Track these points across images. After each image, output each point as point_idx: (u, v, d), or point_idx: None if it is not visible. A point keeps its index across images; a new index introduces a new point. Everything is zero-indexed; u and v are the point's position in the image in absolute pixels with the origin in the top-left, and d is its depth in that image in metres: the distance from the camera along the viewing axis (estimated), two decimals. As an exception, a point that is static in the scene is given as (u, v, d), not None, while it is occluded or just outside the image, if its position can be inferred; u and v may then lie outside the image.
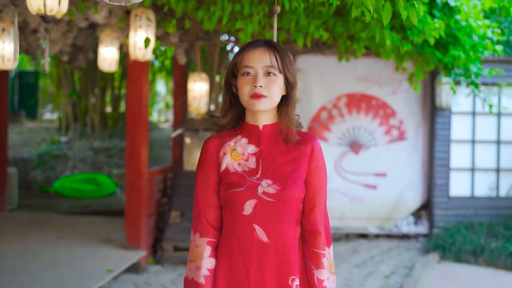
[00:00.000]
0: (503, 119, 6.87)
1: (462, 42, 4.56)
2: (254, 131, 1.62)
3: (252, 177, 1.56)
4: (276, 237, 1.55)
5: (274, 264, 1.54)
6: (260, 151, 1.60)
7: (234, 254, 1.55)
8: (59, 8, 2.74)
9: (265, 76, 1.56)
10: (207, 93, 5.28)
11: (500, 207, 6.74)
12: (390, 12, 2.07)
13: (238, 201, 1.55)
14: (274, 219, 1.55)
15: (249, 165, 1.58)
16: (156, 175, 5.26)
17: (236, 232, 1.56)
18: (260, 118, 1.61)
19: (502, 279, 5.25)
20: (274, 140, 1.62)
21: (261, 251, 1.54)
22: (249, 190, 1.55)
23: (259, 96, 1.54)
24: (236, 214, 1.55)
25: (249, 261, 1.54)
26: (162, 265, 5.08)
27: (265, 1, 4.02)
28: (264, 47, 1.58)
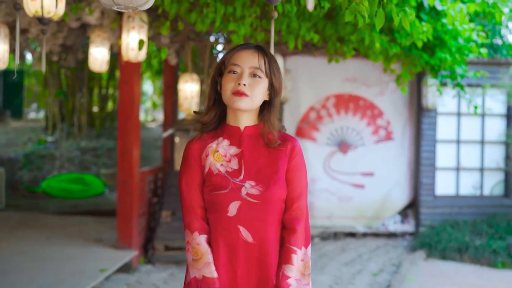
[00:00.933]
0: (487, 119, 7.03)
1: (448, 44, 4.67)
2: (236, 133, 1.64)
3: (235, 179, 1.58)
4: (260, 237, 1.58)
5: (260, 263, 1.57)
6: (241, 152, 1.62)
7: (221, 254, 1.57)
8: (56, 11, 2.76)
9: (250, 76, 1.59)
10: (198, 94, 5.32)
11: (484, 206, 6.90)
12: (383, 18, 2.14)
13: (222, 203, 1.56)
14: (258, 219, 1.57)
15: (231, 166, 1.60)
16: (147, 175, 5.28)
17: (222, 233, 1.57)
18: (241, 119, 1.63)
19: (486, 275, 5.40)
20: (255, 142, 1.64)
21: (246, 251, 1.57)
22: (233, 191, 1.57)
23: (241, 94, 1.57)
24: (221, 215, 1.57)
25: (236, 261, 1.57)
26: (153, 264, 5.11)
27: (256, 4, 4.07)
28: (254, 50, 1.62)
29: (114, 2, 1.55)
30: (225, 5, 3.93)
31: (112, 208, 7.54)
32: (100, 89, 11.89)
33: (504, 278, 5.31)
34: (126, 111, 4.78)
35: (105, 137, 11.18)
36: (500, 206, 6.91)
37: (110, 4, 1.57)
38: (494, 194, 7.08)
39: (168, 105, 6.18)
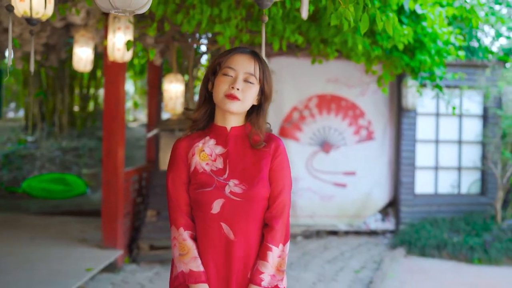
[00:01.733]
0: (464, 120, 7.23)
1: (427, 47, 4.81)
2: (222, 133, 1.69)
3: (219, 177, 1.63)
4: (242, 235, 1.62)
5: (239, 260, 1.62)
6: (227, 152, 1.67)
7: (205, 250, 1.62)
8: (45, 11, 2.78)
9: (244, 81, 1.63)
10: (182, 94, 5.35)
11: (462, 204, 7.09)
12: (367, 23, 2.23)
13: (206, 201, 1.61)
14: (241, 217, 1.62)
15: (216, 165, 1.65)
16: (132, 174, 5.30)
17: (206, 230, 1.62)
18: (229, 120, 1.68)
19: (463, 271, 5.56)
20: (240, 142, 1.69)
21: (228, 247, 1.61)
22: (217, 189, 1.61)
23: (233, 98, 1.61)
24: (205, 213, 1.61)
25: (218, 257, 1.62)
26: (138, 264, 5.12)
27: (242, 6, 4.14)
28: (250, 55, 1.67)
29: (112, 6, 1.59)
30: (211, 6, 3.99)
31: (95, 208, 7.52)
32: (81, 88, 11.79)
33: (480, 273, 5.49)
34: (111, 111, 4.79)
35: (87, 137, 11.09)
36: (477, 204, 7.11)
37: (108, 8, 1.61)
38: (471, 193, 7.28)
39: (152, 105, 6.19)
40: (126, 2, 1.60)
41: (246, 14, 4.31)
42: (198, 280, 1.59)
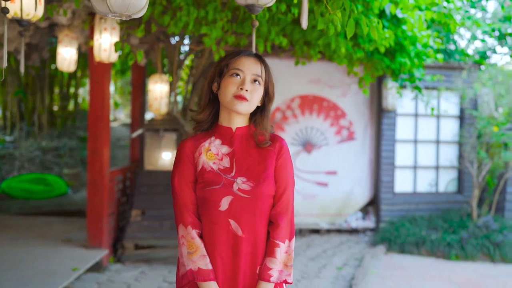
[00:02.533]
0: (442, 120, 7.43)
1: (407, 50, 4.95)
2: (227, 133, 1.73)
3: (227, 175, 1.67)
4: (249, 231, 1.65)
5: (247, 255, 1.66)
6: (233, 151, 1.71)
7: (212, 247, 1.65)
8: (35, 13, 2.80)
9: (251, 82, 1.69)
10: (167, 94, 5.39)
11: (439, 202, 7.29)
12: (353, 28, 2.32)
13: (214, 198, 1.64)
14: (248, 214, 1.65)
15: (223, 164, 1.69)
16: (116, 174, 5.31)
17: (213, 227, 1.65)
18: (235, 120, 1.73)
19: (441, 266, 5.74)
20: (245, 142, 1.73)
21: (235, 243, 1.65)
22: (225, 187, 1.65)
23: (242, 98, 1.66)
24: (213, 210, 1.64)
25: (225, 253, 1.65)
26: (123, 263, 5.14)
27: (227, 8, 4.21)
28: (256, 58, 1.73)
29: (110, 10, 1.65)
30: (198, 9, 4.04)
31: (77, 208, 7.50)
32: (61, 87, 11.68)
33: (457, 269, 5.67)
34: (97, 111, 4.80)
35: (67, 137, 10.99)
36: (454, 202, 7.32)
37: (106, 12, 1.66)
38: (448, 191, 7.48)
39: (136, 105, 6.20)
40: (124, 7, 1.65)
41: (232, 16, 4.38)
42: (207, 278, 1.62)
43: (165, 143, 5.38)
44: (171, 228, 5.24)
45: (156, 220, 5.26)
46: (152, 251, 5.20)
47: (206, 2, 4.04)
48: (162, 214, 5.28)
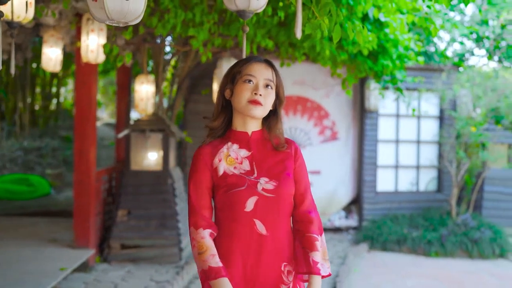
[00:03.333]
0: (422, 121, 7.60)
1: (389, 52, 5.08)
2: (244, 137, 1.77)
3: (250, 177, 1.71)
4: (273, 229, 1.69)
5: (270, 253, 1.68)
6: (252, 154, 1.75)
7: (233, 248, 1.68)
8: (26, 15, 2.83)
9: (264, 87, 1.73)
10: (153, 95, 5.42)
11: (420, 201, 7.47)
12: (340, 33, 2.41)
13: (240, 200, 1.67)
14: (272, 213, 1.69)
15: (244, 168, 1.73)
16: (102, 174, 5.33)
17: (236, 229, 1.68)
18: (250, 125, 1.77)
19: (421, 263, 5.90)
20: (262, 145, 1.78)
21: (259, 243, 1.67)
22: (250, 188, 1.68)
23: (257, 103, 1.70)
24: (238, 212, 1.67)
25: (247, 253, 1.67)
26: (109, 263, 5.16)
27: (214, 10, 4.27)
28: (266, 63, 1.78)
29: (108, 17, 1.70)
30: (185, 11, 4.10)
31: (61, 208, 7.46)
32: (43, 87, 11.57)
33: (437, 265, 5.83)
34: (83, 111, 4.82)
35: (49, 137, 10.90)
36: (434, 200, 7.50)
37: (104, 19, 1.72)
38: (428, 190, 7.67)
39: (122, 105, 6.22)
40: (122, 14, 1.71)
41: (218, 18, 4.44)
42: (218, 275, 1.61)
43: (151, 143, 5.41)
44: (157, 228, 5.28)
45: (143, 220, 5.30)
46: (138, 250, 5.23)
47: (193, 5, 4.10)
48: (148, 214, 5.31)
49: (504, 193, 7.33)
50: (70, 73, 11.60)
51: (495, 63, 8.93)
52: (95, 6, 1.68)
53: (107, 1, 1.67)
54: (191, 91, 6.66)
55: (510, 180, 7.39)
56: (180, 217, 5.40)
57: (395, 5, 4.54)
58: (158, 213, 5.32)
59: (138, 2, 1.72)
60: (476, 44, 9.00)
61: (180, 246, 5.26)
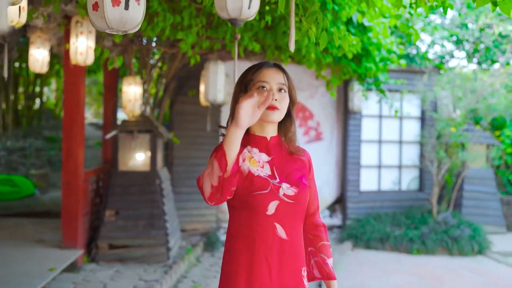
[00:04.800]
0: (404, 122, 7.78)
1: (373, 55, 5.22)
2: (263, 142, 1.78)
3: (273, 181, 1.72)
4: (292, 234, 1.72)
5: (291, 257, 1.71)
6: (272, 159, 1.76)
7: (256, 250, 1.68)
8: (19, 19, 2.87)
9: (278, 91, 1.75)
10: (141, 96, 5.47)
11: (402, 199, 7.64)
12: (326, 40, 2.52)
13: (262, 203, 1.68)
14: (292, 218, 1.72)
15: (265, 172, 1.73)
16: (90, 175, 5.36)
17: (257, 229, 1.68)
18: (268, 130, 1.78)
19: (404, 261, 6.06)
20: (279, 150, 1.79)
21: (280, 246, 1.69)
22: (272, 192, 1.69)
23: (274, 108, 1.71)
24: (259, 214, 1.68)
25: (271, 256, 1.68)
26: (97, 263, 5.20)
27: (202, 14, 4.35)
28: (276, 68, 1.79)
29: (108, 26, 1.77)
30: (174, 14, 4.17)
31: (46, 209, 7.44)
32: (27, 86, 11.48)
33: (418, 262, 6.00)
34: (71, 112, 4.85)
35: (33, 137, 10.83)
36: (416, 199, 7.69)
37: (103, 28, 1.79)
38: (410, 189, 7.85)
39: (108, 106, 6.25)
40: (121, 23, 1.78)
41: (206, 21, 4.51)
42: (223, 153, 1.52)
43: (139, 144, 5.46)
44: (145, 227, 5.34)
45: (130, 220, 5.35)
46: (126, 250, 5.28)
47: (181, 8, 4.17)
48: (136, 214, 5.36)
49: (482, 192, 7.55)
50: (53, 73, 11.53)
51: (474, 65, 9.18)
52: (96, 15, 1.76)
53: (108, 11, 1.74)
54: (177, 92, 6.72)
55: (488, 179, 7.62)
56: (168, 217, 5.46)
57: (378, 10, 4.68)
58: (146, 213, 5.38)
59: (137, 11, 1.80)
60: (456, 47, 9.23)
61: (168, 245, 5.32)
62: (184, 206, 6.64)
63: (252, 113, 1.55)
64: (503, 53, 8.77)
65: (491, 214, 7.48)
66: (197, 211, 6.82)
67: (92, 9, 1.76)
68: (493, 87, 7.23)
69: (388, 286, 5.09)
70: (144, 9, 1.81)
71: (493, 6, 2.02)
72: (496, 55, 8.77)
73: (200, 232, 6.73)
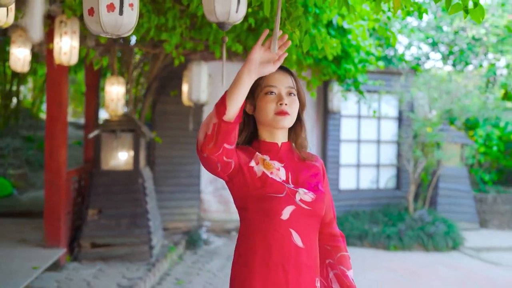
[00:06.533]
0: (382, 122, 7.97)
1: (352, 57, 5.37)
2: (273, 148, 1.68)
3: (288, 185, 1.62)
4: (308, 243, 1.62)
5: (306, 267, 1.61)
6: (285, 165, 1.66)
7: (273, 255, 1.58)
8: (7, 20, 2.90)
9: (287, 96, 1.65)
10: (124, 96, 5.50)
11: (380, 197, 7.84)
12: (309, 43, 2.63)
13: (277, 207, 1.58)
14: (307, 226, 1.62)
15: (280, 176, 1.63)
16: (72, 174, 5.37)
17: (274, 234, 1.58)
18: (278, 136, 1.68)
19: (382, 257, 6.23)
20: (291, 157, 1.70)
21: (297, 255, 1.59)
22: (288, 197, 1.59)
23: (284, 113, 1.62)
24: (273, 218, 1.58)
25: (288, 264, 1.58)
26: (80, 262, 5.21)
27: (186, 15, 4.41)
28: (284, 71, 1.69)
29: (103, 30, 1.84)
30: (158, 16, 4.23)
31: (26, 209, 7.38)
32: (4, 85, 11.31)
33: (396, 258, 6.18)
34: (54, 112, 4.85)
35: (10, 136, 10.68)
36: (393, 197, 7.89)
37: (98, 32, 1.86)
38: (388, 187, 8.05)
39: (90, 106, 6.25)
40: (116, 28, 1.85)
41: (190, 23, 4.58)
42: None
43: (122, 143, 5.49)
44: (128, 226, 5.37)
45: (113, 218, 5.37)
46: (109, 249, 5.31)
47: (166, 10, 4.23)
48: (119, 213, 5.39)
49: (456, 190, 7.80)
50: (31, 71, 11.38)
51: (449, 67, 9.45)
52: (91, 20, 1.82)
53: (103, 16, 1.81)
54: (159, 92, 6.76)
55: (462, 177, 7.87)
56: (150, 215, 5.50)
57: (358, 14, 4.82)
58: (129, 212, 5.41)
59: (131, 16, 1.87)
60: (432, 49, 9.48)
61: (150, 244, 5.37)
62: (166, 205, 6.69)
63: (265, 60, 1.50)
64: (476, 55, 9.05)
65: (465, 211, 7.73)
66: (179, 210, 6.88)
67: (87, 14, 1.82)
68: (466, 88, 7.48)
69: (367, 281, 5.24)
70: (138, 14, 1.89)
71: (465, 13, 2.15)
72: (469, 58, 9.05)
73: (182, 231, 6.79)
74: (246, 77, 1.47)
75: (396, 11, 2.80)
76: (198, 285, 4.96)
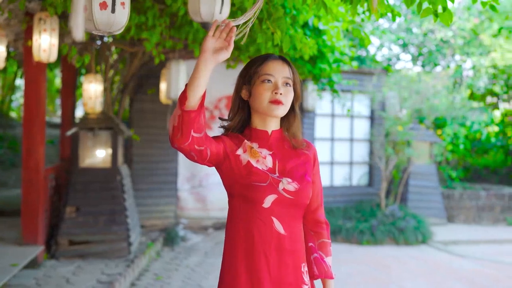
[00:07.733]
0: (355, 120, 8.19)
1: (327, 57, 5.53)
2: (264, 136, 1.72)
3: (273, 174, 1.66)
4: (291, 230, 1.66)
5: (290, 253, 1.66)
6: (273, 153, 1.71)
7: (255, 242, 1.63)
8: (-9, 16, 2.93)
9: (283, 85, 1.68)
10: (102, 93, 5.52)
11: (353, 194, 8.05)
12: (289, 44, 2.76)
13: (259, 195, 1.63)
14: (290, 214, 1.66)
15: (267, 164, 1.68)
16: (50, 172, 5.36)
17: (256, 221, 1.63)
18: (270, 124, 1.72)
19: (355, 251, 6.43)
20: (281, 145, 1.73)
21: (279, 242, 1.64)
22: (271, 186, 1.63)
23: (278, 102, 1.65)
24: (256, 206, 1.63)
25: (269, 251, 1.63)
26: (57, 259, 5.21)
27: (165, 14, 4.49)
28: (282, 60, 1.72)
29: (96, 28, 1.92)
30: (138, 14, 4.28)
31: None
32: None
33: (368, 252, 6.39)
34: (32, 110, 4.84)
35: (-17, 135, 10.47)
36: (366, 194, 8.12)
37: (91, 29, 1.94)
38: (360, 184, 8.27)
39: (67, 104, 6.23)
40: (108, 25, 1.93)
41: (170, 22, 4.65)
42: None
43: (100, 141, 5.51)
44: (106, 223, 5.40)
45: (91, 216, 5.39)
46: (87, 246, 5.32)
47: (146, 9, 4.29)
48: (97, 210, 5.41)
49: (425, 187, 8.09)
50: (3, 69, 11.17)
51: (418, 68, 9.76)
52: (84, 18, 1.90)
53: (95, 14, 1.89)
54: (137, 90, 6.79)
55: (431, 174, 8.16)
56: (128, 212, 5.54)
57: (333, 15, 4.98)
58: (107, 209, 5.43)
59: (122, 14, 1.96)
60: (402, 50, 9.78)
61: (129, 240, 5.41)
62: (143, 203, 6.73)
63: (218, 48, 1.51)
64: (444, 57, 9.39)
65: (434, 207, 8.03)
66: (156, 207, 6.92)
67: (81, 12, 1.89)
68: (435, 88, 7.76)
69: (340, 275, 5.42)
70: (129, 13, 1.97)
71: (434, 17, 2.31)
72: (438, 59, 9.38)
73: (159, 228, 6.83)
74: (202, 66, 1.50)
75: (372, 14, 2.97)
76: (177, 280, 5.04)
